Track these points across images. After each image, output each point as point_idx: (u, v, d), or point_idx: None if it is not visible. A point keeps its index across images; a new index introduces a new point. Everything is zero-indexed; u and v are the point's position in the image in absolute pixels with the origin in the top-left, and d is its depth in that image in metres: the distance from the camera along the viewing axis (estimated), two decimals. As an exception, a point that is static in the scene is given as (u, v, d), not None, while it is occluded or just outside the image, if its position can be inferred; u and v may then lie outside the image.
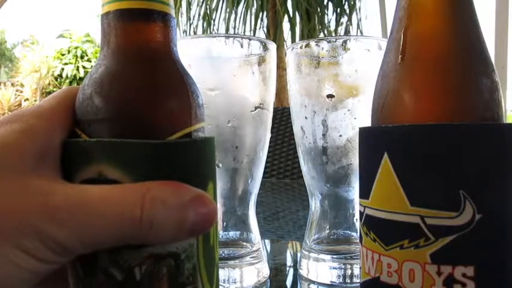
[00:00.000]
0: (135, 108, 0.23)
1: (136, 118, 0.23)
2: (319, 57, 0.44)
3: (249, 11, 2.93)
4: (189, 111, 0.24)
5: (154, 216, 0.21)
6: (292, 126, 0.49)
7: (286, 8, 2.87)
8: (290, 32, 2.91)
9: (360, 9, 2.95)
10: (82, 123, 0.24)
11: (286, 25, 2.92)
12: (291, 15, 2.90)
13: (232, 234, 0.45)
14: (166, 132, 0.23)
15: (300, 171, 0.49)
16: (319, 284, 0.44)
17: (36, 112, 0.24)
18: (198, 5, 3.01)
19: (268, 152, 0.47)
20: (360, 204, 0.28)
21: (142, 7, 0.24)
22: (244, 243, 0.45)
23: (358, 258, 0.40)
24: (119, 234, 0.21)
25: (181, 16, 3.02)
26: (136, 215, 0.21)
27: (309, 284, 0.44)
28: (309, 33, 2.83)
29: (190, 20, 2.99)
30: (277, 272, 0.48)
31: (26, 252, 0.20)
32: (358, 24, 2.94)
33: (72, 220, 0.20)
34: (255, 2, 2.90)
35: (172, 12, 0.25)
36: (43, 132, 0.23)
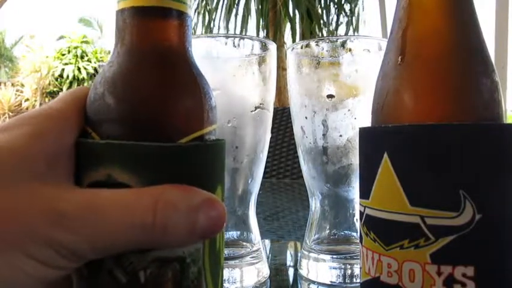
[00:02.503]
0: (147, 109, 0.23)
1: (148, 119, 0.23)
2: (319, 57, 0.44)
3: (249, 10, 2.92)
4: (202, 114, 0.24)
5: (167, 221, 0.21)
6: (292, 126, 0.49)
7: (287, 8, 2.86)
8: (290, 32, 2.91)
9: (361, 9, 2.95)
10: (93, 122, 0.23)
11: (286, 25, 2.92)
12: (292, 15, 2.90)
13: (233, 234, 0.45)
14: (179, 134, 0.23)
15: (300, 171, 0.49)
16: (319, 284, 0.44)
17: (45, 114, 0.23)
18: (197, 5, 3.01)
19: (268, 152, 0.47)
20: (360, 204, 0.28)
21: (159, 5, 0.23)
22: (244, 243, 0.45)
23: (358, 258, 0.40)
24: (131, 240, 0.21)
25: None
26: (149, 221, 0.20)
27: (309, 284, 0.44)
28: (311, 34, 2.83)
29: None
30: (277, 272, 0.48)
31: (35, 259, 0.20)
32: (358, 25, 2.94)
33: (82, 226, 0.20)
34: (255, 2, 2.90)
35: (189, 11, 0.25)
36: (53, 134, 0.22)
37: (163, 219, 0.21)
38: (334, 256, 0.44)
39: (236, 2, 2.94)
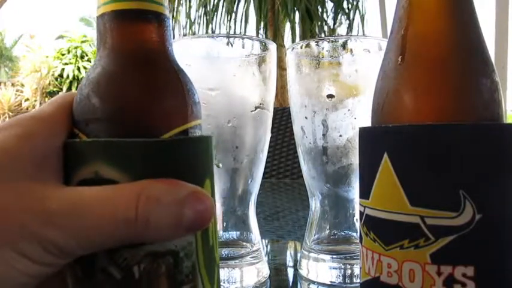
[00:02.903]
0: (130, 107, 0.23)
1: (132, 117, 0.23)
2: (319, 57, 0.44)
3: (248, 10, 2.92)
4: (185, 109, 0.25)
5: (150, 216, 0.21)
6: (292, 126, 0.49)
7: (286, 7, 2.86)
8: (290, 32, 2.91)
9: (361, 8, 2.94)
10: (80, 123, 0.24)
11: (286, 25, 2.92)
12: (291, 15, 2.90)
13: (232, 234, 0.45)
14: (162, 130, 0.24)
15: (300, 171, 0.49)
16: (319, 284, 0.44)
17: (36, 116, 0.24)
18: (197, 5, 3.01)
19: (268, 152, 0.47)
20: (360, 204, 0.28)
21: (137, 8, 0.24)
22: (244, 243, 0.45)
23: (358, 258, 0.40)
24: (115, 235, 0.21)
25: (180, 15, 3.03)
26: (132, 216, 0.21)
27: (308, 284, 0.44)
28: (310, 33, 2.83)
29: (190, 19, 2.99)
30: (277, 272, 0.48)
31: (25, 255, 0.20)
32: (358, 24, 2.94)
33: (68, 223, 0.21)
34: (254, 2, 2.90)
35: (167, 12, 0.26)
36: (42, 136, 0.23)
37: (145, 213, 0.21)
38: (334, 256, 0.44)
39: (235, 2, 2.94)
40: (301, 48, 0.46)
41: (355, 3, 2.93)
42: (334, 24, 2.90)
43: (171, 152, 0.23)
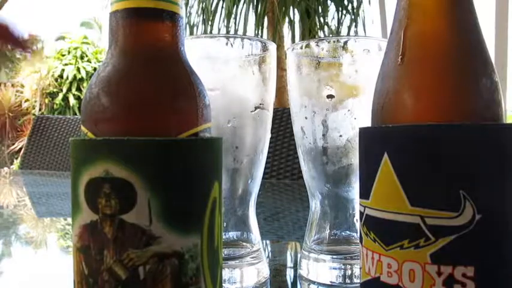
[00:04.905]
0: (142, 108, 0.23)
1: (143, 118, 0.23)
2: (319, 57, 0.44)
3: (248, 11, 2.92)
4: (196, 112, 0.25)
5: None
6: (292, 126, 0.49)
7: (286, 8, 2.86)
8: (290, 32, 2.91)
9: (359, 9, 2.94)
10: (88, 122, 0.24)
11: (285, 25, 2.92)
12: (291, 15, 2.90)
13: (233, 234, 0.45)
14: (173, 132, 0.23)
15: (300, 171, 0.49)
16: (319, 284, 0.44)
17: None
18: (197, 6, 3.01)
19: (268, 152, 0.47)
20: (360, 205, 0.28)
21: (151, 6, 0.24)
22: (244, 244, 0.45)
23: (358, 259, 0.40)
24: None
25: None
26: None
27: (309, 284, 0.44)
28: (309, 33, 2.83)
29: (188, 19, 2.99)
30: (277, 272, 0.48)
31: None
32: (358, 25, 2.94)
33: None
34: (254, 2, 2.90)
35: (181, 12, 0.25)
36: None
37: None
38: (334, 256, 0.44)
39: (235, 2, 2.94)
40: (301, 48, 0.46)
41: (352, 3, 2.93)
42: (338, 28, 2.90)
43: (182, 152, 0.23)
